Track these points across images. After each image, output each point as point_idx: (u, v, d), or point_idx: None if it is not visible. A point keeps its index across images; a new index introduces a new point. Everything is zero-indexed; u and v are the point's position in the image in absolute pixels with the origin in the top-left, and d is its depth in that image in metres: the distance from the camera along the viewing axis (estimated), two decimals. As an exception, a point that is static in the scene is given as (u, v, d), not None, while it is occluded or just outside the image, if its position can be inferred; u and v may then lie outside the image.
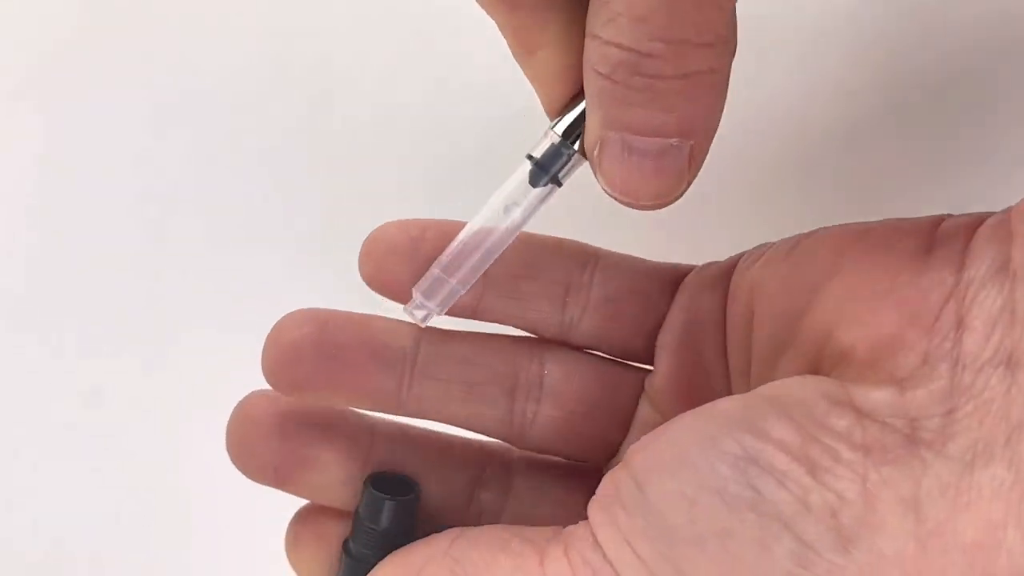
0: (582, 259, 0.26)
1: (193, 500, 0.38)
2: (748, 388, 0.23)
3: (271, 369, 0.24)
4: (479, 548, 0.22)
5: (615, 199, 0.21)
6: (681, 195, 0.20)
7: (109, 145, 0.38)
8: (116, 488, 0.39)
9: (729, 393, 0.24)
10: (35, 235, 0.39)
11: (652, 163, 0.20)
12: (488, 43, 0.37)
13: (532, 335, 0.26)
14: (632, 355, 0.26)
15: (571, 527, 0.21)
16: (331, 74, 0.37)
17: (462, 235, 0.24)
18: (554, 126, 0.22)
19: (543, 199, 0.23)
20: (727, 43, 0.19)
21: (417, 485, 0.25)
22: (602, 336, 0.26)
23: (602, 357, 0.26)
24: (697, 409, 0.20)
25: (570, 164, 0.22)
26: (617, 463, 0.25)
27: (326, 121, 0.37)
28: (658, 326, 0.26)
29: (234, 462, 0.25)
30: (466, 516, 0.26)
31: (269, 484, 0.25)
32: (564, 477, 0.27)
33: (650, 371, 0.26)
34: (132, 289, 0.38)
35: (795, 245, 0.23)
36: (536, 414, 0.25)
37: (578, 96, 0.21)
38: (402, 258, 0.24)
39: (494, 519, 0.26)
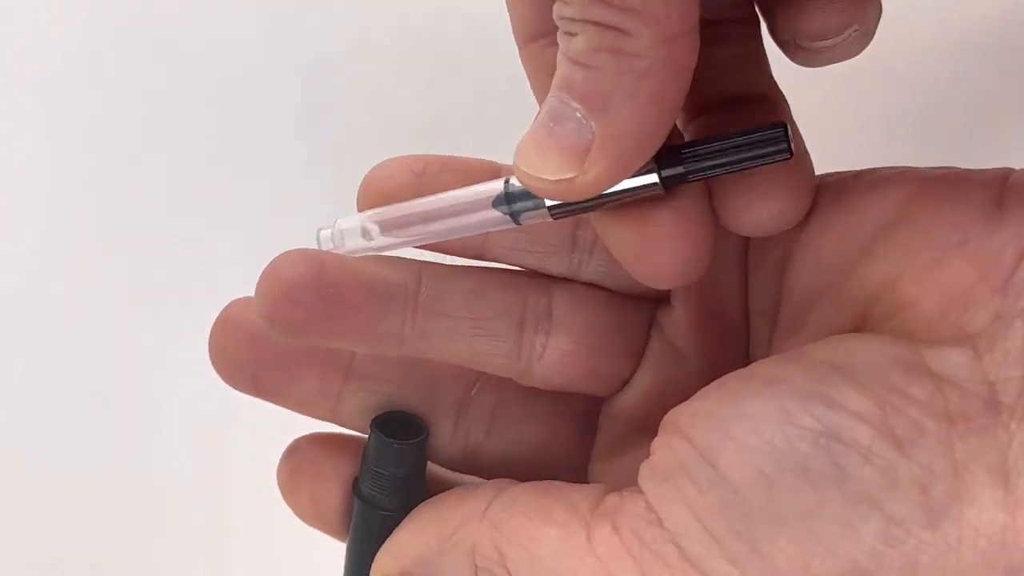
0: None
1: (193, 500, 0.38)
2: (771, 329, 0.23)
3: (266, 313, 0.22)
4: (519, 515, 0.21)
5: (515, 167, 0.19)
6: (570, 189, 0.19)
7: (109, 145, 0.38)
8: (116, 488, 0.39)
9: (746, 330, 0.24)
10: (35, 235, 0.39)
11: (549, 125, 0.18)
12: (488, 43, 0.37)
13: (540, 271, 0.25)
14: (640, 291, 0.25)
15: (615, 498, 0.20)
16: (331, 74, 0.37)
17: (419, 203, 0.23)
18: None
19: (497, 224, 0.22)
20: (677, 42, 0.18)
21: (426, 427, 0.24)
22: (610, 272, 0.25)
23: (611, 291, 0.25)
24: (749, 373, 0.20)
25: (535, 212, 0.21)
26: (630, 397, 0.25)
27: (326, 121, 0.37)
28: None
29: (215, 367, 0.24)
30: (455, 435, 0.25)
31: (249, 393, 0.24)
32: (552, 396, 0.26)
33: (661, 303, 0.25)
34: (132, 290, 0.38)
35: (844, 186, 0.22)
36: (545, 347, 0.24)
37: None
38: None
39: (482, 436, 0.25)
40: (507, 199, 0.22)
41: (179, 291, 0.38)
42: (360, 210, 0.24)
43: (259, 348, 0.24)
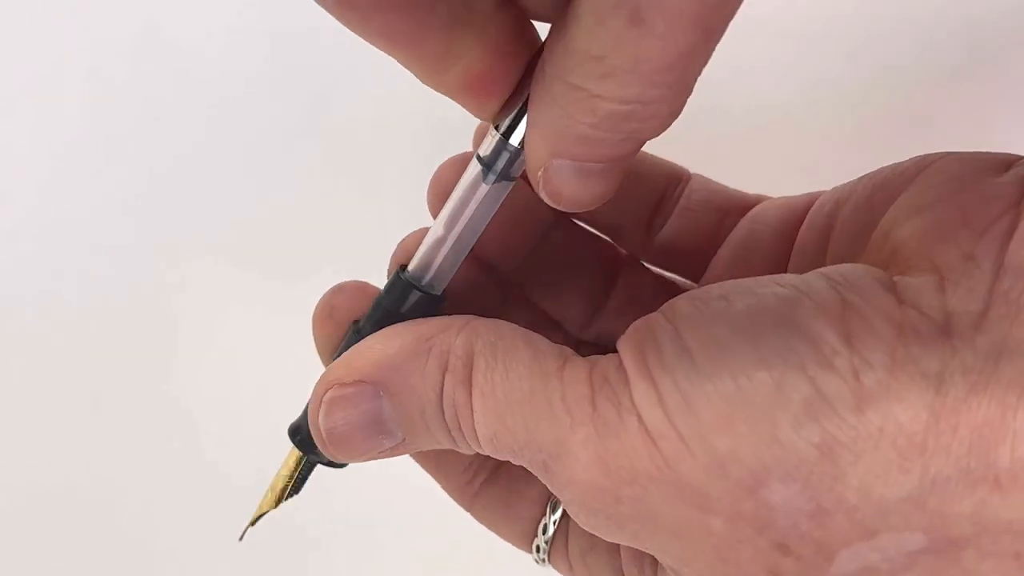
0: (677, 176, 0.27)
1: (194, 500, 0.38)
2: None
3: None
4: (504, 333, 0.21)
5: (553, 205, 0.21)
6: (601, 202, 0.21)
7: (109, 146, 0.38)
8: (116, 488, 0.39)
9: None
10: (36, 235, 0.39)
11: (600, 180, 0.20)
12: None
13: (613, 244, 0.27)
14: (697, 264, 0.27)
15: (597, 356, 0.21)
16: (331, 74, 0.37)
17: (426, 241, 0.23)
18: (496, 125, 0.21)
19: (498, 197, 0.23)
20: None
21: (444, 296, 0.24)
22: (673, 242, 0.27)
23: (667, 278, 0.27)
24: (745, 280, 0.20)
25: (520, 160, 0.22)
26: None
27: (326, 121, 0.37)
28: (720, 242, 0.27)
29: None
30: None
31: None
32: None
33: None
34: (132, 290, 0.38)
35: (881, 171, 0.23)
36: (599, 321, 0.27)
37: (511, 100, 0.21)
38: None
39: None
40: (489, 168, 0.22)
41: (177, 290, 0.38)
42: (431, 207, 0.25)
43: None
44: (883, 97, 0.34)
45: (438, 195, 0.25)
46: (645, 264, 0.28)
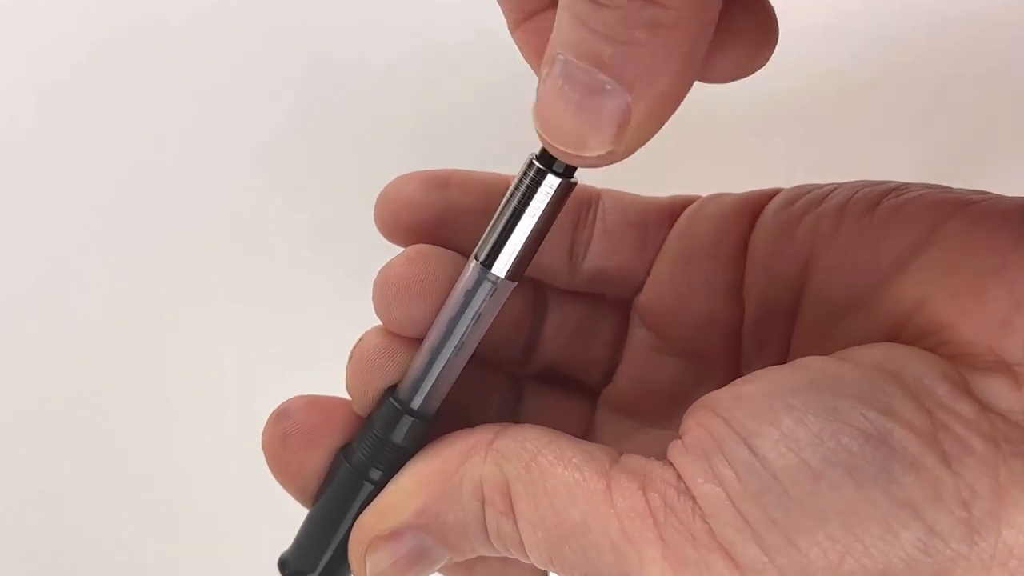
0: (587, 199, 0.26)
1: (193, 500, 0.38)
2: (787, 329, 0.23)
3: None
4: (529, 449, 0.20)
5: (540, 137, 0.19)
6: (608, 161, 0.18)
7: (109, 146, 0.38)
8: (116, 488, 0.39)
9: (733, 317, 0.24)
10: (36, 236, 0.39)
11: (579, 97, 0.17)
12: (488, 41, 0.37)
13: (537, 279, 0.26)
14: (630, 282, 0.26)
15: (639, 460, 0.20)
16: (331, 74, 0.37)
17: (416, 365, 0.23)
18: (476, 252, 0.21)
19: (480, 331, 0.22)
20: (698, 16, 0.17)
21: (438, 415, 0.24)
22: (601, 268, 0.26)
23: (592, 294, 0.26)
24: (794, 368, 0.19)
25: (495, 293, 0.21)
26: (617, 387, 0.26)
27: (325, 121, 0.37)
28: (654, 255, 0.26)
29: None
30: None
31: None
32: (568, 392, 0.27)
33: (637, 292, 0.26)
34: (131, 290, 0.38)
35: (878, 200, 0.22)
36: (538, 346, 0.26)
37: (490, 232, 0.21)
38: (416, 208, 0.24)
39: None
40: (473, 291, 0.22)
41: (177, 291, 0.38)
42: (378, 221, 0.25)
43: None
44: (884, 96, 0.34)
45: (391, 213, 0.24)
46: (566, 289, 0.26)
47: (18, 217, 0.39)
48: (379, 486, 0.23)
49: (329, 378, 0.25)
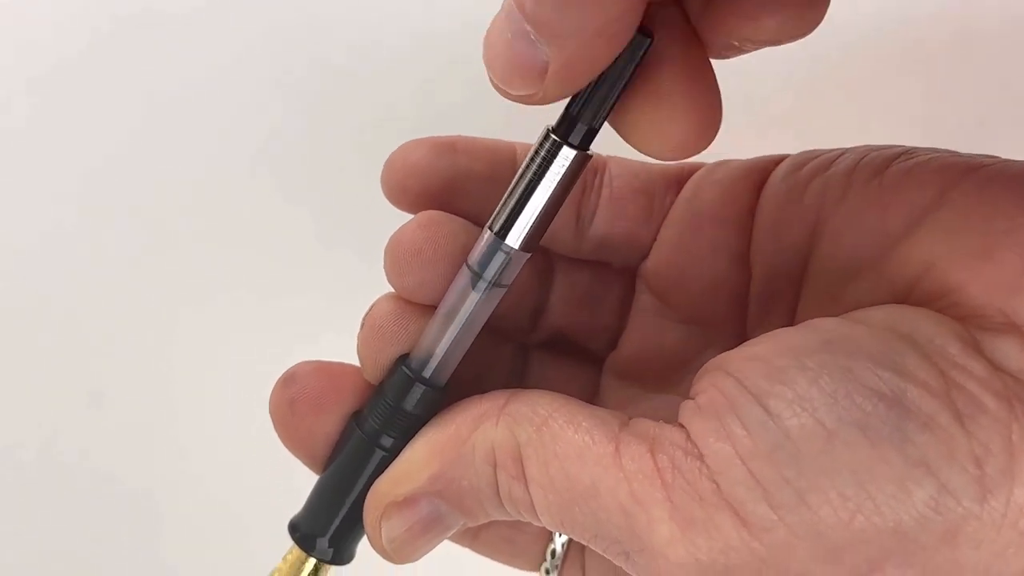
0: (593, 165, 0.26)
1: (191, 499, 0.38)
2: (794, 292, 0.23)
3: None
4: (541, 412, 0.21)
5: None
6: (535, 101, 0.19)
7: (108, 146, 0.38)
8: (116, 487, 0.39)
9: (734, 285, 0.24)
10: (35, 236, 0.39)
11: (509, 39, 0.18)
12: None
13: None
14: (636, 249, 0.26)
15: (649, 424, 0.20)
16: (331, 73, 0.37)
17: (427, 334, 0.23)
18: (490, 223, 0.21)
19: (492, 302, 0.22)
20: None
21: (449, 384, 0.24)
22: (608, 235, 0.26)
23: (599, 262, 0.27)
24: (807, 329, 0.19)
25: (509, 264, 0.22)
26: (622, 353, 0.26)
27: (325, 121, 0.37)
28: (661, 221, 0.26)
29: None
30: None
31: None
32: (574, 359, 0.27)
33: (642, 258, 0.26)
34: (131, 290, 0.38)
35: (887, 164, 0.22)
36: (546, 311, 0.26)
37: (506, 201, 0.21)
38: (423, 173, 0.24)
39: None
40: (479, 275, 0.22)
41: (176, 291, 0.38)
42: (385, 188, 0.24)
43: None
44: (883, 97, 0.34)
45: (398, 180, 0.24)
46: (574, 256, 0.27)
47: (18, 214, 0.39)
48: (391, 453, 0.23)
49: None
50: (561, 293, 0.26)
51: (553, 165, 0.21)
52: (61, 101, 0.38)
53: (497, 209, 0.21)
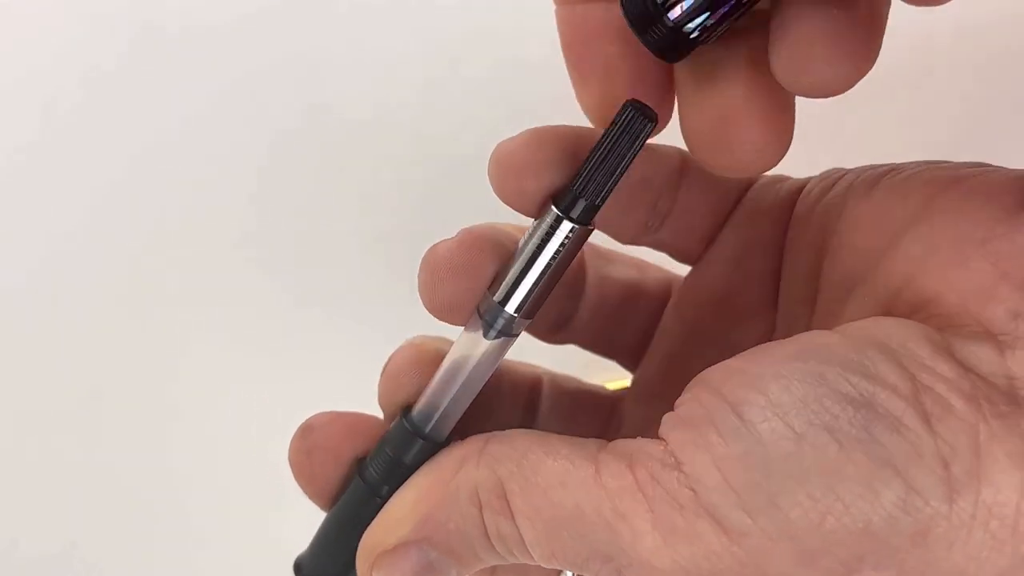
0: (679, 163, 0.25)
1: (191, 498, 0.38)
2: (808, 316, 0.23)
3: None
4: (519, 449, 0.21)
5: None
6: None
7: (109, 147, 0.38)
8: (116, 486, 0.39)
9: (765, 309, 0.25)
10: (35, 236, 0.39)
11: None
12: (488, 41, 0.37)
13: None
14: (688, 256, 0.26)
15: (629, 442, 0.20)
16: (330, 74, 0.37)
17: (431, 391, 0.23)
18: (491, 287, 0.22)
19: (504, 348, 0.23)
20: None
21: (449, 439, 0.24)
22: (670, 241, 0.26)
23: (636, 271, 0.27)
24: (788, 341, 0.20)
25: (516, 324, 0.22)
26: (646, 373, 0.26)
27: (325, 121, 0.37)
28: (716, 234, 0.26)
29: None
30: None
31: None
32: (586, 406, 0.27)
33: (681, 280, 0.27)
34: (131, 289, 0.38)
35: (877, 180, 0.22)
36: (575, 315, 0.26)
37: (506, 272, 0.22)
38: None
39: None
40: (489, 324, 0.22)
41: (176, 291, 0.38)
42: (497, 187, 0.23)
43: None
44: (883, 98, 0.34)
45: (504, 177, 0.23)
46: (608, 267, 0.27)
47: (27, 223, 0.39)
48: None
49: (333, 385, 0.25)
50: (589, 306, 0.27)
51: (553, 239, 0.21)
52: (61, 103, 0.38)
53: (499, 277, 0.22)
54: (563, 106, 0.24)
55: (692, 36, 0.20)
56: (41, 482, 0.39)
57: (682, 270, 0.27)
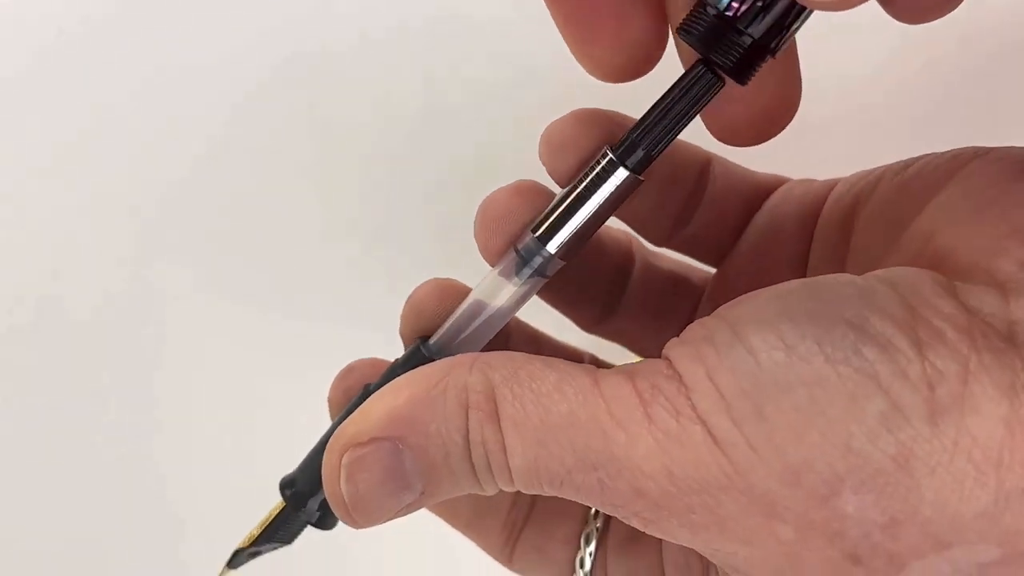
0: (704, 161, 0.26)
1: (191, 498, 0.38)
2: None
3: None
4: (517, 358, 0.21)
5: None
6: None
7: (108, 145, 0.38)
8: (117, 485, 0.39)
9: None
10: (34, 236, 0.39)
11: None
12: (488, 41, 0.37)
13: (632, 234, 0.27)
14: (717, 253, 0.27)
15: (629, 363, 0.20)
16: (330, 74, 0.37)
17: (452, 321, 0.23)
18: (533, 226, 0.22)
19: (533, 289, 0.23)
20: None
21: None
22: (699, 236, 0.26)
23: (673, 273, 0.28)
24: (798, 280, 0.20)
25: (551, 264, 0.22)
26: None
27: (325, 121, 0.37)
28: (743, 230, 0.26)
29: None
30: None
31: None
32: None
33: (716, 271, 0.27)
34: (131, 289, 0.38)
35: (906, 165, 0.23)
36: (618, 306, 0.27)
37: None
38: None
39: None
40: (524, 260, 0.22)
41: (176, 291, 0.38)
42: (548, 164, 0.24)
43: None
44: (883, 96, 0.34)
45: (554, 153, 0.24)
46: (654, 258, 0.28)
47: (26, 219, 0.39)
48: None
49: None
50: (634, 295, 0.27)
51: (606, 183, 0.21)
52: (61, 102, 0.38)
53: (543, 214, 0.22)
54: (563, 107, 0.24)
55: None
56: (41, 482, 0.39)
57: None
